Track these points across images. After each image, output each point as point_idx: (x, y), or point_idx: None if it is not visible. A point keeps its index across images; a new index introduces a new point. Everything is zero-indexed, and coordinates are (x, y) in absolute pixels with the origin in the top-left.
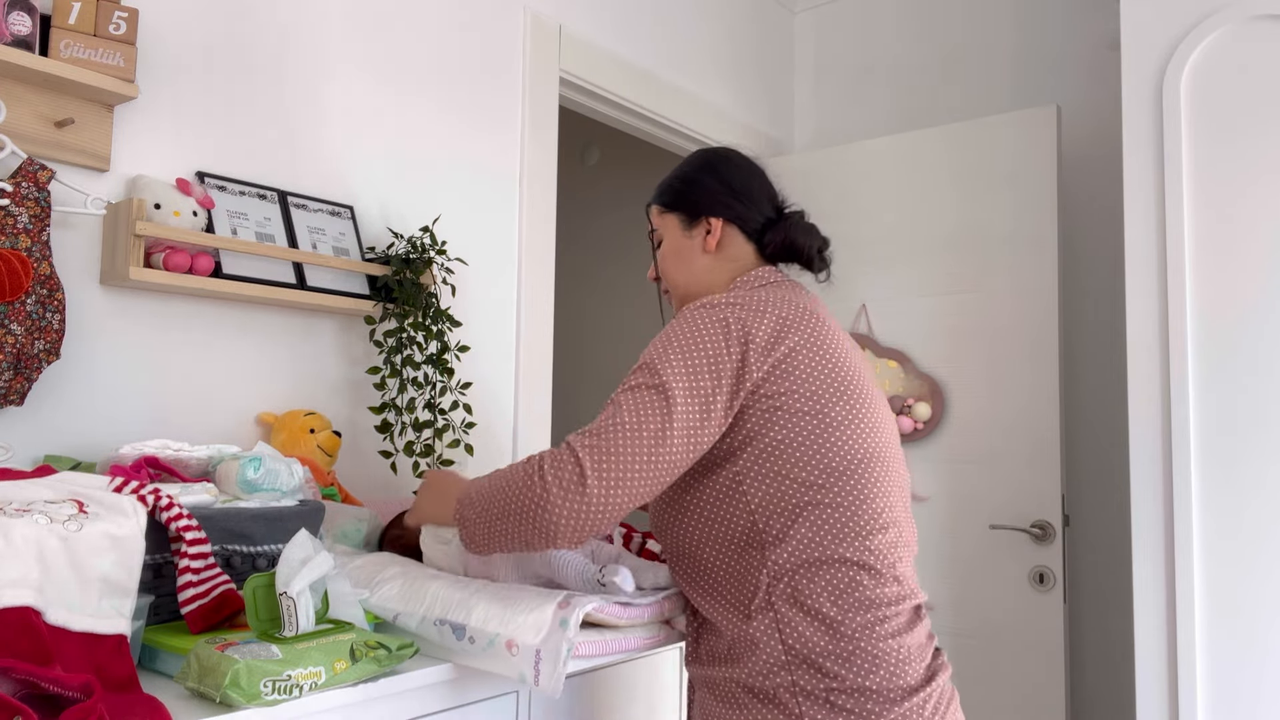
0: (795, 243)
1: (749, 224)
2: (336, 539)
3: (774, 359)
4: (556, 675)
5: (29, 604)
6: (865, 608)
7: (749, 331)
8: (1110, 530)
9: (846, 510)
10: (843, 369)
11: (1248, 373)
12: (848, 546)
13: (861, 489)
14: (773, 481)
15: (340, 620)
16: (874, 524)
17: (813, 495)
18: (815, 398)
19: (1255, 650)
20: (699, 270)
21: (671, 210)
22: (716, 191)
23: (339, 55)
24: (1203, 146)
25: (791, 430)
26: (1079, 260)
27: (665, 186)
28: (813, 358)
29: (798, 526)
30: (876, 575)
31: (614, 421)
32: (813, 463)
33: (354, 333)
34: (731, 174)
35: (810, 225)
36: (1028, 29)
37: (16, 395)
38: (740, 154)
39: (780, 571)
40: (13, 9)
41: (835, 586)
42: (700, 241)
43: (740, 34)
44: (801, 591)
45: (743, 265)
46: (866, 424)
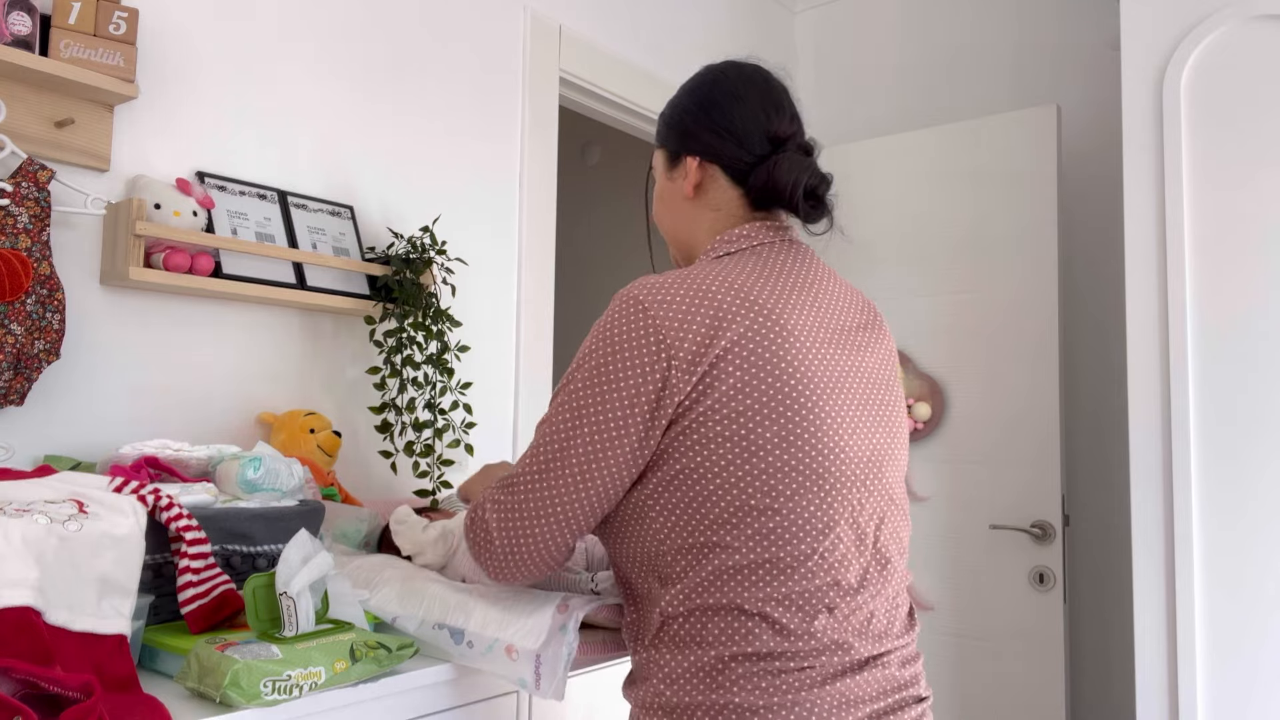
0: (776, 183)
1: (732, 163)
2: (336, 539)
3: (699, 371)
4: (557, 680)
5: (29, 604)
6: (754, 659)
7: (670, 342)
8: (1110, 530)
9: (759, 553)
10: (788, 376)
11: (1248, 372)
12: (750, 595)
13: (784, 529)
14: (679, 515)
15: (340, 620)
16: (792, 571)
17: (721, 535)
18: (740, 416)
19: (1255, 650)
20: (682, 218)
21: (659, 145)
22: (695, 123)
23: (339, 55)
24: (1202, 146)
25: (707, 457)
26: (1079, 260)
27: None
28: (747, 368)
29: (698, 569)
30: (780, 629)
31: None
32: (727, 497)
33: (354, 333)
34: (715, 100)
35: (802, 159)
36: (1028, 29)
37: (16, 395)
38: (737, 68)
39: (673, 614)
40: (13, 9)
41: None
42: (680, 184)
43: (740, 34)
44: (690, 638)
45: (727, 215)
46: (807, 446)
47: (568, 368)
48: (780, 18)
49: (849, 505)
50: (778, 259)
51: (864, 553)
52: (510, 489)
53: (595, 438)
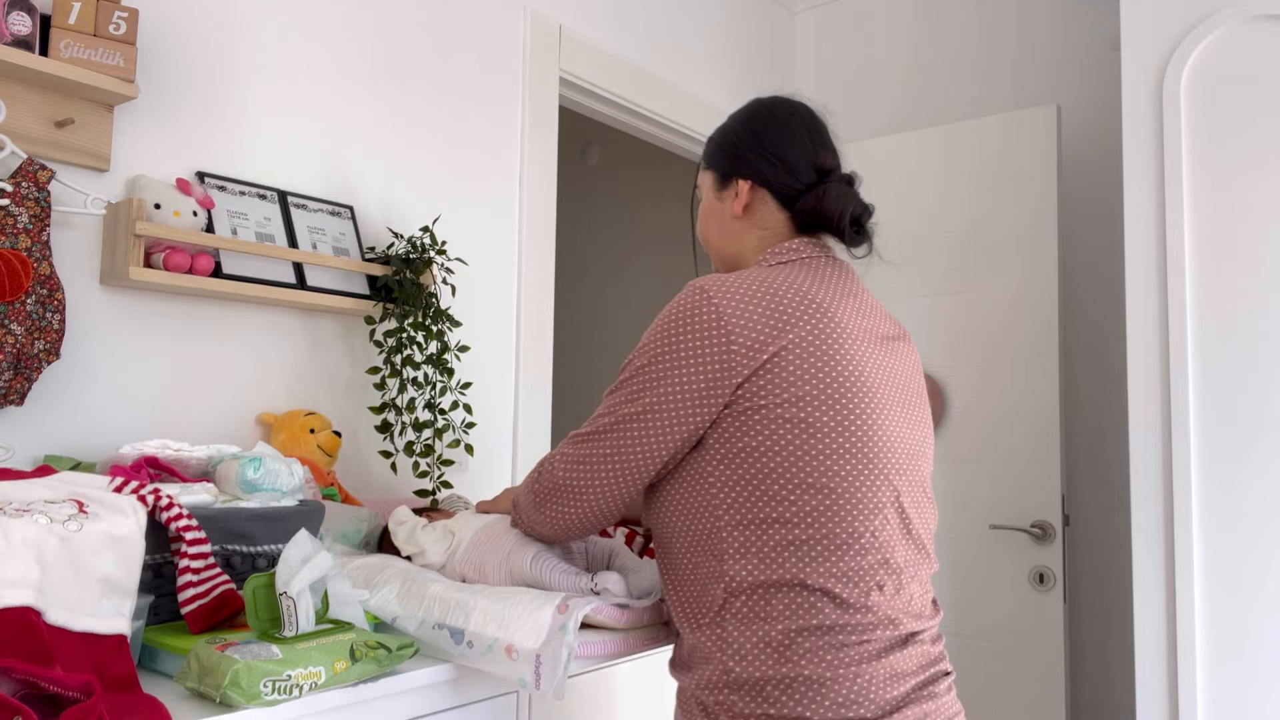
0: (825, 210)
1: (782, 189)
2: (336, 539)
3: (762, 359)
4: (558, 680)
5: (29, 604)
6: (818, 633)
7: (735, 330)
8: (1110, 530)
9: (817, 529)
10: (844, 369)
11: (1248, 372)
12: (811, 570)
13: (834, 509)
14: (741, 490)
15: (340, 620)
16: (847, 548)
17: (780, 510)
18: (800, 403)
19: (1255, 650)
20: (729, 235)
21: (708, 167)
22: (749, 150)
23: (339, 54)
24: (1202, 146)
25: (767, 438)
26: (1079, 260)
27: (708, 140)
28: (807, 358)
29: (761, 543)
30: (840, 603)
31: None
32: (784, 475)
33: (354, 333)
34: (767, 131)
35: (847, 190)
36: (1028, 29)
37: (16, 395)
38: (787, 104)
39: (736, 589)
40: (13, 9)
41: (790, 610)
42: (730, 204)
43: (740, 34)
44: (755, 613)
45: (774, 235)
46: (855, 435)
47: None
48: (780, 18)
49: (894, 490)
50: (826, 270)
51: (906, 537)
52: (579, 442)
53: (660, 404)
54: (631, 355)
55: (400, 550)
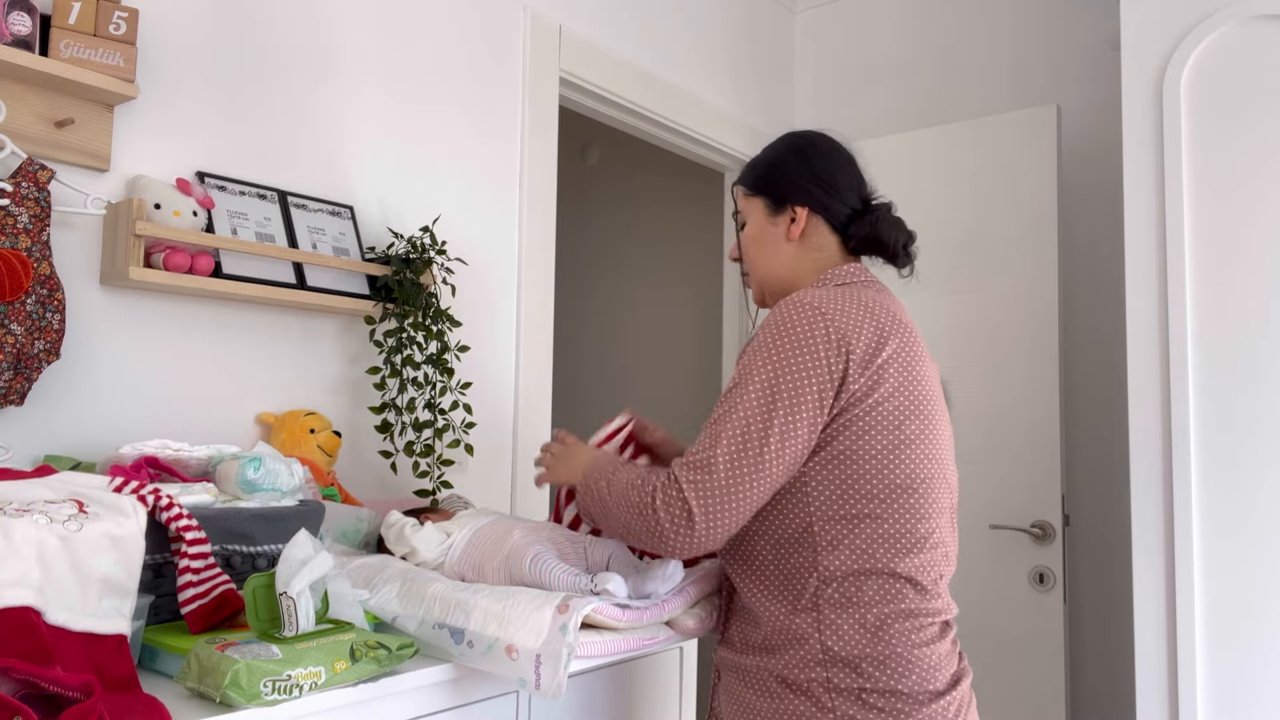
0: (880, 237)
1: (834, 215)
2: (336, 539)
3: (870, 372)
4: (557, 679)
5: (29, 604)
6: (905, 617)
7: (850, 342)
8: (1110, 530)
9: (901, 526)
10: (922, 384)
11: (1248, 372)
12: (899, 561)
13: (918, 508)
14: (836, 488)
15: (340, 620)
16: (924, 542)
17: (872, 508)
18: (895, 412)
19: (1255, 650)
20: (783, 259)
21: (757, 194)
22: (803, 179)
23: (339, 55)
24: (1202, 146)
25: (866, 442)
26: (1079, 260)
27: (752, 168)
28: (901, 371)
29: (853, 536)
30: (920, 590)
31: (713, 454)
32: (879, 477)
33: (354, 333)
34: (819, 162)
35: (897, 219)
36: (1028, 29)
37: (16, 395)
38: (830, 140)
39: (830, 577)
40: (13, 9)
41: (881, 596)
42: (784, 229)
43: (740, 34)
44: (849, 598)
45: (827, 257)
46: (931, 442)
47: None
48: (780, 17)
49: (950, 494)
50: (883, 291)
51: (952, 533)
52: (708, 470)
53: (787, 422)
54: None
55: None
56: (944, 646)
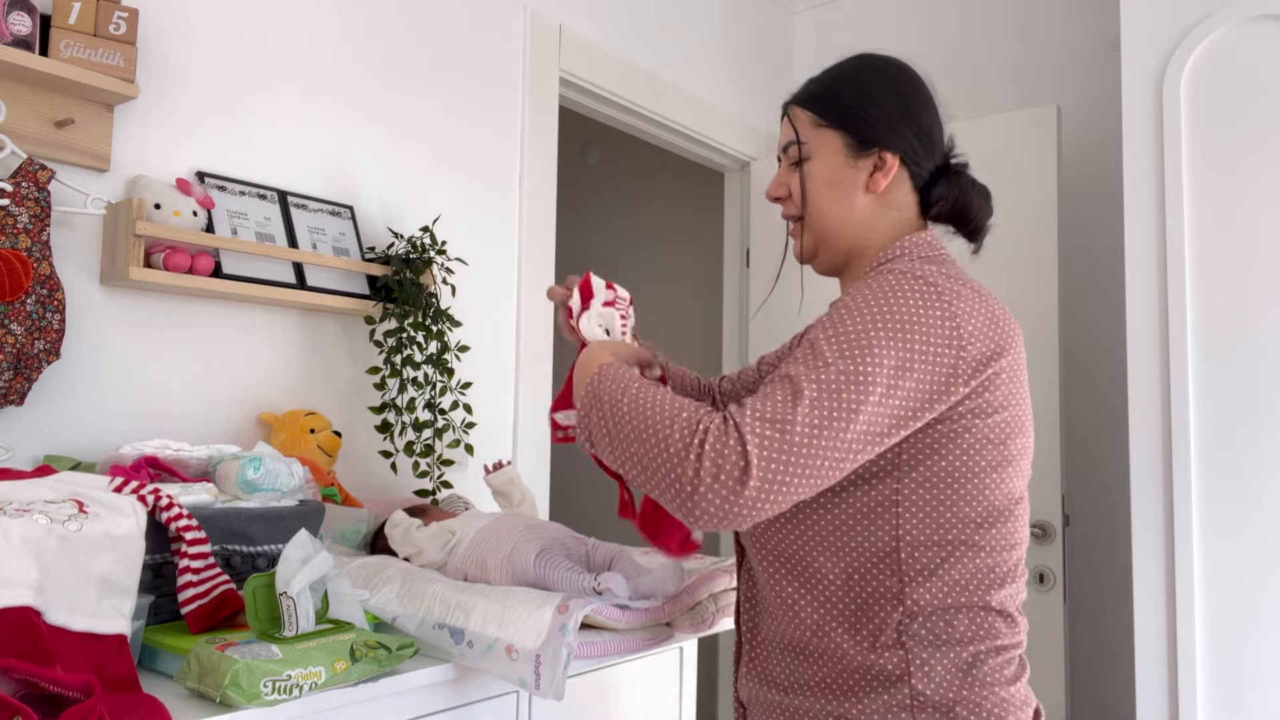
0: (969, 207)
1: (920, 169)
2: (336, 539)
3: (982, 378)
4: (557, 680)
5: (29, 604)
6: (995, 654)
7: (965, 338)
8: (1110, 530)
9: (998, 554)
10: (1025, 395)
11: (1248, 372)
12: (994, 594)
13: (1012, 534)
14: (932, 510)
15: (340, 620)
16: (1015, 570)
17: (969, 534)
18: (1003, 427)
19: (1255, 650)
20: (856, 211)
21: (836, 126)
22: (898, 119)
23: (339, 55)
24: (1203, 146)
25: (971, 460)
26: (1079, 260)
27: (827, 91)
28: (1012, 380)
29: (949, 566)
30: (1011, 623)
31: (794, 414)
32: (981, 499)
33: (354, 333)
34: (913, 101)
35: (985, 187)
36: (1028, 29)
37: (16, 395)
38: (918, 75)
39: (920, 610)
40: (13, 9)
41: (974, 634)
42: (866, 177)
43: (740, 34)
44: (942, 635)
45: (903, 219)
46: (1027, 461)
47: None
48: (780, 17)
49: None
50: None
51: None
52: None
53: (885, 404)
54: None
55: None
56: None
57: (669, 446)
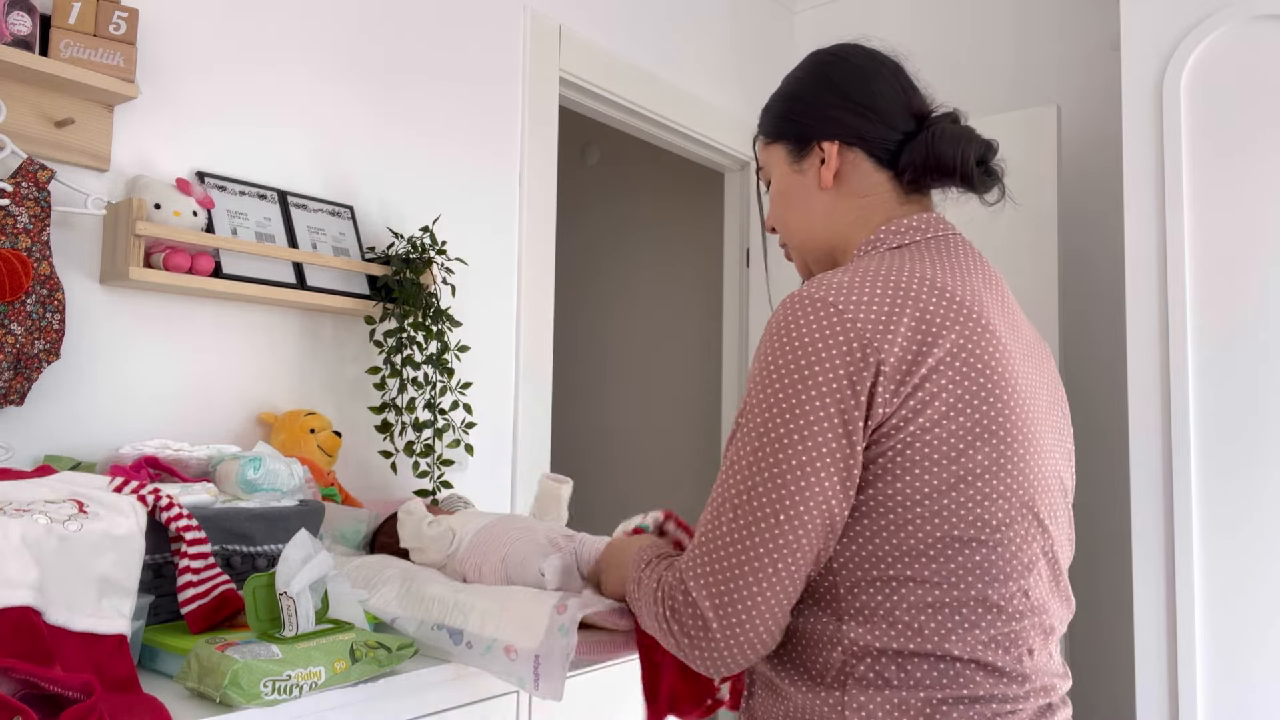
0: (941, 157)
1: (878, 144)
2: (336, 540)
3: (909, 386)
4: (556, 679)
5: (29, 604)
6: (969, 703)
7: (876, 349)
8: (1110, 530)
9: (962, 592)
10: (1001, 393)
11: (1248, 372)
12: (957, 641)
13: (989, 565)
14: (866, 543)
15: (340, 620)
16: (1000, 611)
17: (918, 569)
18: (952, 438)
19: (1256, 650)
20: (817, 215)
21: (776, 139)
22: (829, 105)
23: (339, 55)
24: (1203, 146)
25: (910, 483)
26: (1079, 260)
27: (767, 109)
28: (961, 379)
29: (891, 605)
30: (993, 672)
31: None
32: (928, 527)
33: (354, 333)
34: (847, 79)
35: (963, 129)
36: (1028, 29)
37: (16, 395)
38: (862, 49)
39: (865, 651)
40: (13, 9)
41: (933, 681)
42: (815, 175)
43: (740, 34)
44: (887, 679)
45: (876, 204)
46: (1016, 473)
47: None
48: (780, 17)
49: (1048, 538)
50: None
51: (1055, 588)
52: (712, 555)
53: (802, 471)
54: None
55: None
56: None
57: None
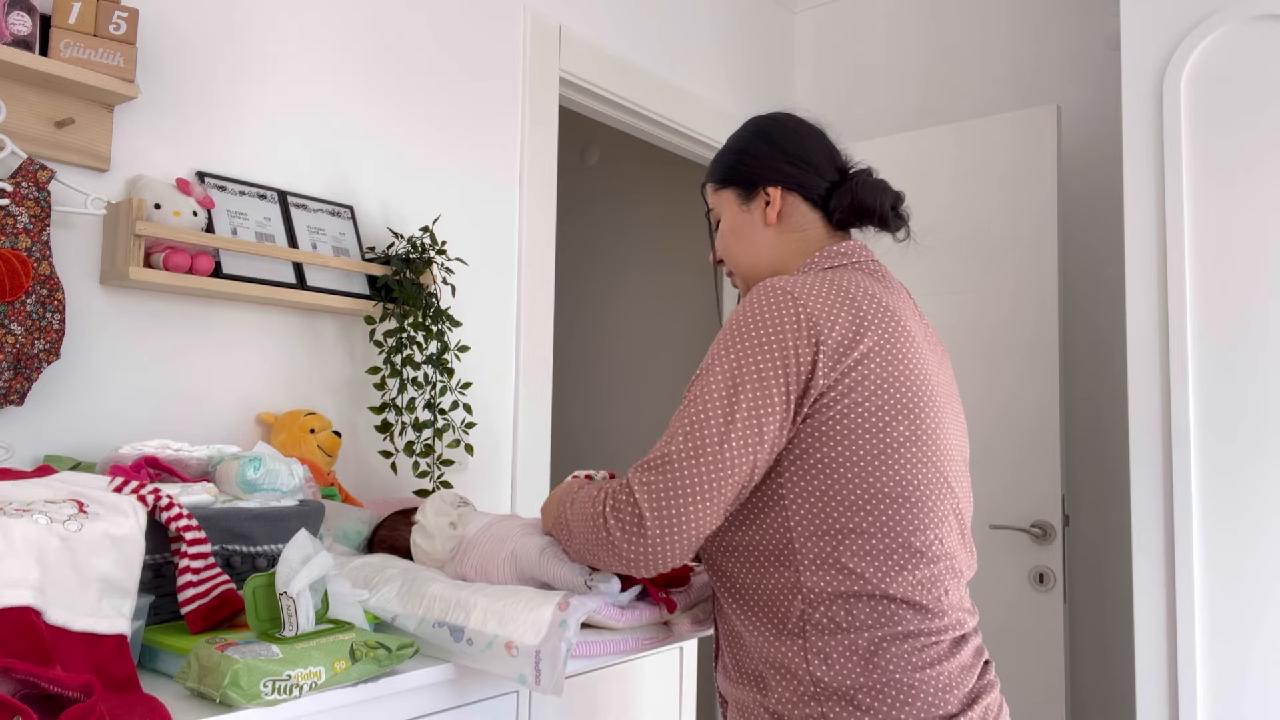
0: (863, 203)
1: (811, 190)
2: (336, 539)
3: (844, 365)
4: (557, 676)
5: (29, 604)
6: (903, 639)
7: (821, 330)
8: (1110, 530)
9: (892, 539)
10: (915, 379)
11: (1248, 372)
12: (892, 581)
13: (910, 518)
14: (817, 500)
15: (340, 620)
16: (920, 556)
17: (858, 521)
18: (879, 413)
19: (1255, 650)
20: (763, 246)
21: (726, 185)
22: (771, 158)
23: (339, 54)
24: (1202, 146)
25: (847, 448)
26: (1079, 260)
27: (716, 161)
28: (885, 366)
29: (839, 553)
30: (920, 610)
31: (669, 451)
32: (864, 485)
33: (354, 333)
34: (785, 138)
35: (878, 181)
36: (1028, 29)
37: (16, 395)
38: (794, 116)
39: (816, 599)
40: (13, 9)
41: (875, 620)
42: (760, 214)
43: (740, 34)
44: (838, 623)
45: (811, 236)
46: (929, 444)
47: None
48: (780, 17)
49: (955, 498)
50: (879, 273)
51: (962, 540)
52: (662, 470)
53: (751, 413)
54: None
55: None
56: (954, 664)
57: (590, 525)
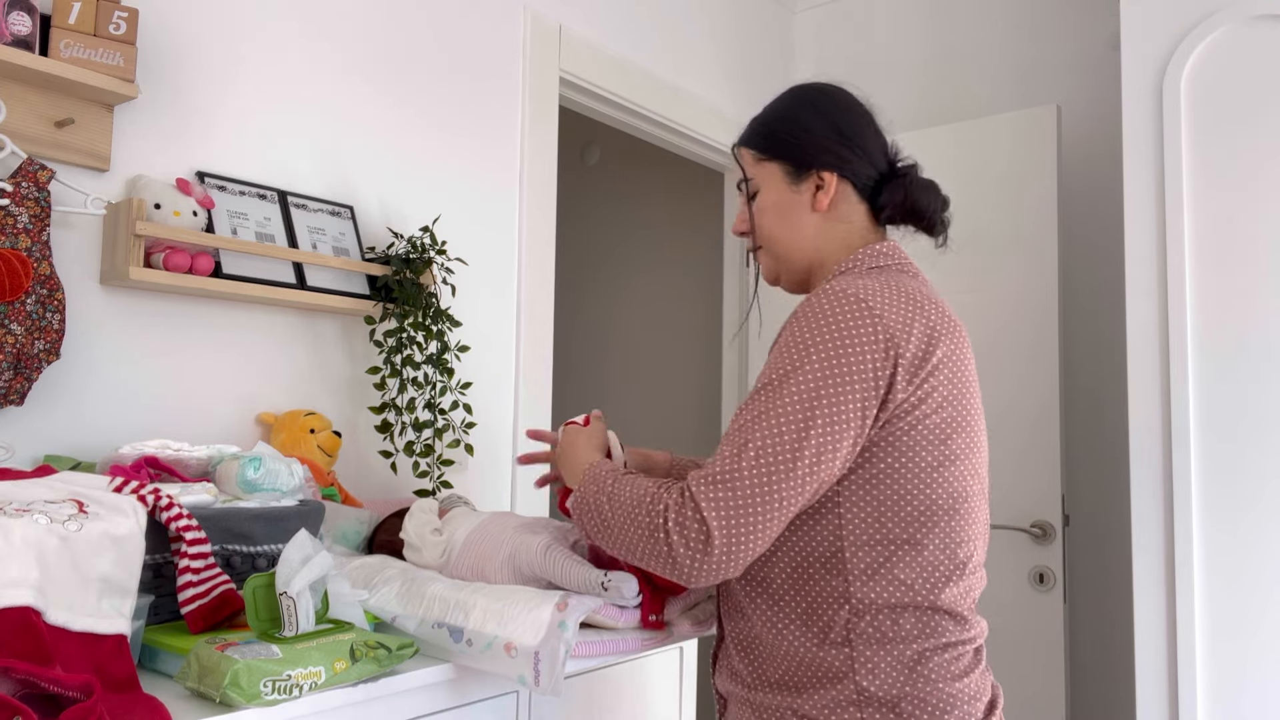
0: (917, 204)
1: (862, 179)
2: (336, 540)
3: (919, 379)
4: (556, 676)
5: (29, 604)
6: (943, 650)
7: (899, 344)
8: (1110, 530)
9: (942, 553)
10: (969, 391)
11: (1248, 372)
12: (940, 593)
13: (959, 531)
14: (873, 510)
15: (340, 620)
16: (964, 568)
17: (912, 533)
18: (942, 426)
19: (1255, 649)
20: (807, 232)
21: (773, 158)
22: (826, 137)
23: (339, 54)
24: (1203, 146)
25: (910, 459)
26: (1079, 260)
27: (763, 128)
28: (951, 378)
29: (891, 565)
30: (960, 621)
31: (739, 466)
32: (922, 497)
33: (354, 333)
34: (842, 117)
35: (930, 182)
36: (1028, 29)
37: (16, 395)
38: (844, 91)
39: (864, 609)
40: (13, 9)
41: (920, 632)
42: (810, 198)
43: (740, 34)
44: (885, 633)
45: (856, 230)
46: (978, 456)
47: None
48: (780, 17)
49: (986, 512)
50: (924, 281)
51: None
52: (731, 485)
53: (827, 432)
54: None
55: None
56: (978, 673)
57: (646, 533)
